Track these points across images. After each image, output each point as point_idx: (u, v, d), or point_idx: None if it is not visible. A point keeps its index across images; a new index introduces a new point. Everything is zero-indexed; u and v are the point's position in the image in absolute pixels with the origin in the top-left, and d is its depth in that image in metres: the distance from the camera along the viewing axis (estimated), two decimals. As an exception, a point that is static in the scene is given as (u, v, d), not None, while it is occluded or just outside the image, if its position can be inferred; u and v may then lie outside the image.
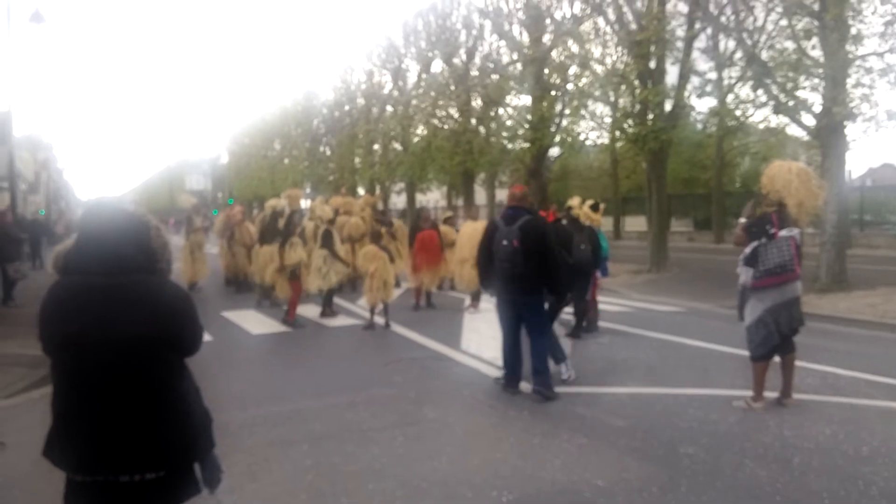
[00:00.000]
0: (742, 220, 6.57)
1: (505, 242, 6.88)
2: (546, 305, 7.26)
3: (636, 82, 18.85)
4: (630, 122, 19.31)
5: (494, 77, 26.42)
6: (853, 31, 14.14)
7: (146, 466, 2.44)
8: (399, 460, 5.29)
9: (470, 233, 11.95)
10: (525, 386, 7.13)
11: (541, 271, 6.88)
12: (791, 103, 14.95)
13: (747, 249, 6.36)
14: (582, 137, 24.21)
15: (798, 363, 6.61)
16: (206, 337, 3.08)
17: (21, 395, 7.54)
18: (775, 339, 6.28)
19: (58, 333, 2.46)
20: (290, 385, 7.79)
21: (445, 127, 29.30)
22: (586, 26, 21.50)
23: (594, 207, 10.28)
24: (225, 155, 75.31)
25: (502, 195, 47.64)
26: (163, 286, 2.57)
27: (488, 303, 12.98)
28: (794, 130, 25.89)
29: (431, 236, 13.08)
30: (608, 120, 21.61)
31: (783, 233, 6.18)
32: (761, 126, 26.46)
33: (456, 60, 29.15)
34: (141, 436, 2.44)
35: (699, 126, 24.54)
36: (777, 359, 6.44)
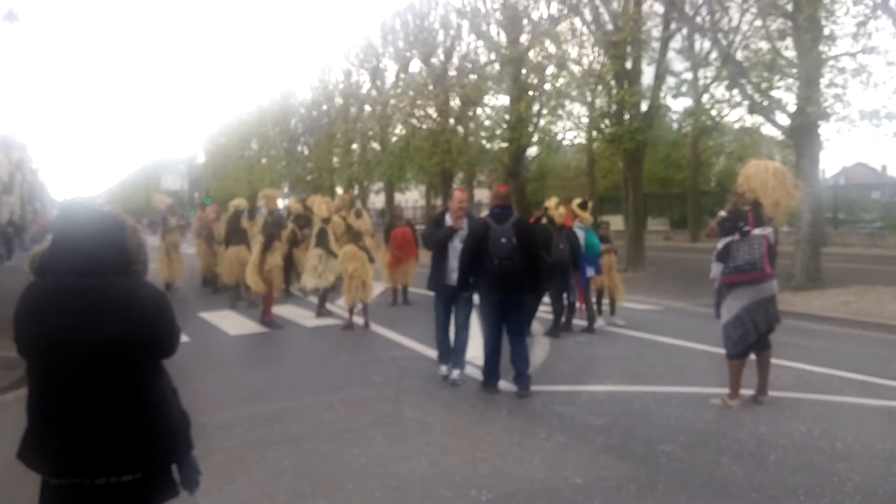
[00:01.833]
0: (722, 213, 6.63)
1: (504, 240, 6.87)
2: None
3: (612, 82, 18.96)
4: (607, 122, 19.43)
5: (472, 77, 26.48)
6: (826, 31, 14.35)
7: (122, 469, 2.42)
8: (378, 460, 5.27)
9: None
10: (502, 384, 7.15)
11: (532, 268, 7.05)
12: (766, 103, 15.11)
13: (720, 245, 6.43)
14: (559, 137, 24.34)
15: (773, 360, 6.67)
16: (184, 338, 3.06)
17: (-4, 398, 7.45)
18: (752, 337, 6.34)
19: (32, 335, 2.43)
20: (269, 386, 7.75)
21: (424, 126, 29.30)
22: (563, 27, 21.62)
23: (582, 205, 10.32)
24: (201, 155, 74.74)
25: (481, 195, 47.70)
26: (138, 287, 2.54)
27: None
28: (768, 130, 26.19)
29: (405, 233, 13.16)
30: (585, 120, 21.74)
31: (756, 231, 6.25)
32: (736, 126, 26.69)
33: (434, 60, 29.15)
34: (117, 438, 2.42)
35: (675, 126, 24.76)
36: (753, 356, 6.50)
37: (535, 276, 7.17)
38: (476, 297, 7.35)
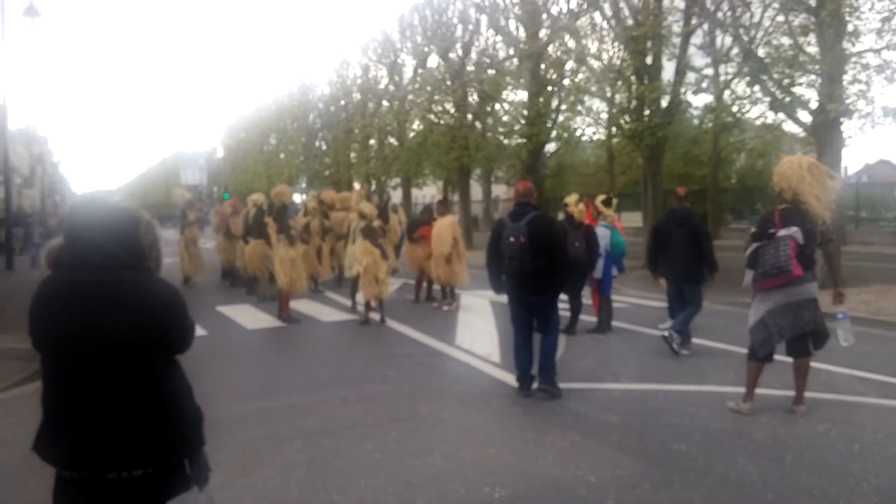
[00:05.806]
0: (753, 229, 6.31)
1: (512, 239, 6.69)
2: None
3: (632, 78, 18.83)
4: (626, 117, 19.31)
5: (491, 72, 26.39)
6: (850, 27, 14.15)
7: (133, 463, 2.43)
8: (392, 456, 5.29)
9: (438, 229, 12.31)
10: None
11: (550, 268, 6.71)
12: (787, 100, 14.94)
13: (748, 251, 6.19)
14: (578, 133, 24.29)
15: (788, 359, 6.55)
16: (200, 332, 3.09)
17: (16, 389, 7.61)
18: (774, 342, 6.07)
19: (46, 329, 2.46)
20: (284, 380, 7.79)
21: (441, 122, 29.25)
22: (583, 21, 21.49)
23: (606, 202, 10.15)
24: (221, 149, 75.17)
25: (499, 190, 47.61)
26: (150, 283, 2.55)
27: (478, 297, 13.00)
28: (790, 127, 25.91)
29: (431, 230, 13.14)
30: (604, 116, 21.63)
31: (782, 232, 5.90)
32: (757, 122, 26.45)
33: (452, 55, 29.08)
34: (128, 433, 2.43)
35: (695, 122, 24.59)
36: (788, 360, 6.31)
37: (551, 276, 6.77)
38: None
